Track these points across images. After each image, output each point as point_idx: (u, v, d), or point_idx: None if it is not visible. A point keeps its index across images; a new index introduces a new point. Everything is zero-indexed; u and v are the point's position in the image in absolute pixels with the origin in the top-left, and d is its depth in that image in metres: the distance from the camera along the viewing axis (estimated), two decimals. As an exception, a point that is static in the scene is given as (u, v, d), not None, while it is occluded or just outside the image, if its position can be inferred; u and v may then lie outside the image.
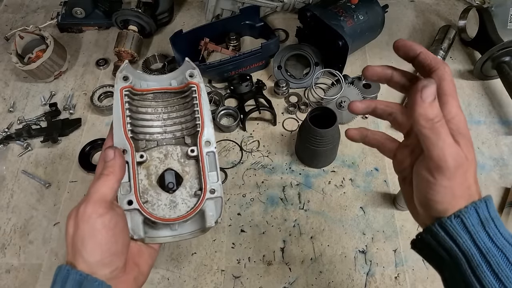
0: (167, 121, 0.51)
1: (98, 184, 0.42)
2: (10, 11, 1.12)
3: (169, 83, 0.52)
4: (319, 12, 0.87)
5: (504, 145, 0.82)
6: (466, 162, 0.34)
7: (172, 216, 0.47)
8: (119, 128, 0.47)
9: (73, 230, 0.41)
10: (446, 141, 0.33)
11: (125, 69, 0.49)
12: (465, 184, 0.35)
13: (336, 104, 0.85)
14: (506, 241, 0.33)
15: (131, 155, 0.46)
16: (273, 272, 0.69)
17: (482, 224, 0.34)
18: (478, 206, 0.34)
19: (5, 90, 0.95)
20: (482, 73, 0.91)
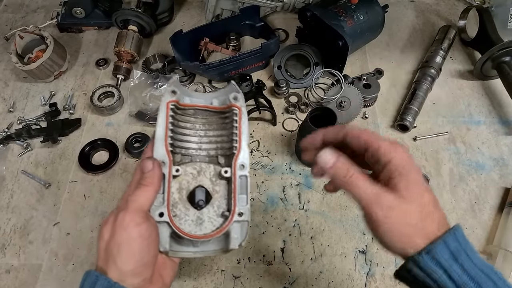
0: (203, 138, 0.51)
1: (137, 193, 0.43)
2: (10, 11, 1.12)
3: (211, 101, 0.52)
4: (319, 12, 0.87)
5: (504, 145, 0.82)
6: (407, 205, 0.37)
7: (197, 232, 0.47)
8: (161, 141, 0.48)
9: (108, 236, 0.41)
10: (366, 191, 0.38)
11: (173, 83, 0.50)
12: (410, 222, 0.37)
13: (336, 104, 0.85)
14: (479, 270, 0.35)
15: (168, 168, 0.47)
16: (273, 272, 0.69)
17: (454, 257, 0.35)
18: (446, 239, 0.35)
19: (5, 90, 0.95)
20: (482, 73, 0.91)
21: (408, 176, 0.38)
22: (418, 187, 0.38)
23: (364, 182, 0.39)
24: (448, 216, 0.72)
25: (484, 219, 0.73)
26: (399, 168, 0.38)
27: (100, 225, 0.43)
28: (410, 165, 0.38)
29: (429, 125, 0.86)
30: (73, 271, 0.69)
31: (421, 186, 0.38)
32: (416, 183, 0.38)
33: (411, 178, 0.38)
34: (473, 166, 0.80)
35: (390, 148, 0.39)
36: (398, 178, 0.38)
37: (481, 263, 0.36)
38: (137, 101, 0.88)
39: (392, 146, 0.39)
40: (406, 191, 0.37)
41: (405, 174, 0.38)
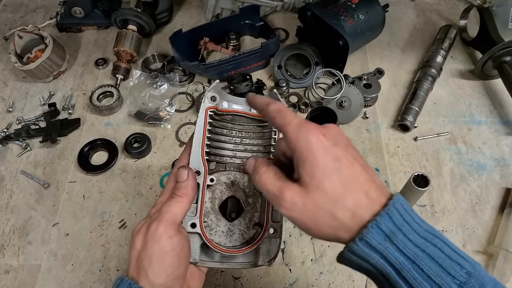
0: (239, 146, 0.50)
1: (171, 204, 0.42)
2: (9, 11, 1.12)
3: (250, 108, 0.50)
4: (319, 12, 0.87)
5: (505, 145, 0.82)
6: (310, 195, 0.34)
7: (227, 244, 0.47)
8: (198, 149, 0.46)
9: (140, 246, 0.41)
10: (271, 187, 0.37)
11: (213, 89, 0.48)
12: (322, 210, 0.34)
13: (336, 104, 0.85)
14: (417, 248, 0.32)
15: (203, 178, 0.46)
16: (273, 273, 0.68)
17: (389, 239, 0.33)
18: (379, 221, 0.33)
19: (4, 90, 0.95)
20: (483, 73, 0.91)
21: (311, 163, 0.34)
22: (322, 173, 0.34)
23: (270, 178, 0.37)
24: (449, 216, 0.73)
25: (485, 220, 0.73)
26: (302, 154, 0.35)
27: (132, 233, 0.42)
28: (314, 148, 0.34)
29: (430, 125, 0.85)
30: (72, 272, 0.69)
31: (327, 171, 0.34)
32: (320, 169, 0.34)
33: (313, 165, 0.34)
34: (474, 166, 0.79)
35: (295, 132, 0.36)
36: (301, 165, 0.35)
37: (420, 237, 0.33)
38: (136, 101, 0.88)
39: (298, 129, 0.35)
40: (310, 178, 0.34)
41: (308, 162, 0.34)
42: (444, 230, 0.72)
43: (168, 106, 0.88)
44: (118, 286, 0.40)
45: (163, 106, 0.88)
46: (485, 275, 0.32)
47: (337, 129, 0.37)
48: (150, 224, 0.41)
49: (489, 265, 0.67)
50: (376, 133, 0.85)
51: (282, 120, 0.37)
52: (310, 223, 0.35)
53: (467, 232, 0.71)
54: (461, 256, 0.33)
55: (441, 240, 0.34)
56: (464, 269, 0.32)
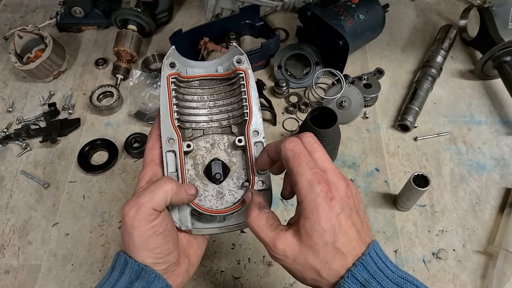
0: (213, 109, 0.49)
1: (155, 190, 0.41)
2: (9, 11, 1.12)
3: (216, 69, 0.50)
4: (319, 12, 0.87)
5: (505, 145, 0.82)
6: (303, 251, 0.37)
7: (219, 207, 0.46)
8: (167, 117, 0.45)
9: (123, 231, 0.41)
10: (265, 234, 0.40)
11: (171, 55, 0.47)
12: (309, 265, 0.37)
13: (336, 104, 0.85)
14: None
15: (178, 145, 0.45)
16: (273, 273, 0.68)
17: (364, 287, 0.36)
18: (354, 271, 0.36)
19: (4, 90, 0.95)
20: (483, 73, 0.91)
21: (313, 225, 0.37)
22: (320, 236, 0.37)
23: (262, 225, 0.40)
24: (449, 216, 0.73)
25: (485, 220, 0.73)
26: (306, 212, 0.37)
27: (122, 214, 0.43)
28: (321, 211, 0.37)
29: (430, 125, 0.85)
30: (72, 272, 0.69)
31: (325, 235, 0.37)
32: (319, 233, 0.37)
33: (314, 227, 0.37)
34: (474, 166, 0.79)
35: (305, 188, 0.37)
36: (302, 222, 0.37)
37: (392, 283, 0.36)
38: (136, 101, 0.88)
39: (309, 186, 0.37)
40: (307, 237, 0.37)
41: (311, 222, 0.37)
42: (444, 230, 0.72)
43: (168, 106, 0.88)
44: (116, 261, 0.42)
45: (163, 106, 0.88)
46: None
47: (346, 190, 0.39)
48: (130, 209, 0.40)
49: (489, 265, 0.67)
50: (376, 133, 0.85)
51: (296, 167, 0.38)
52: (296, 273, 0.39)
53: (467, 232, 0.71)
54: None
55: (413, 284, 0.36)
56: None
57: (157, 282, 0.40)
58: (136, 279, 0.40)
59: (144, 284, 0.40)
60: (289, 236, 0.38)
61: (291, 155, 0.39)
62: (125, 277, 0.40)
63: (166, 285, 0.41)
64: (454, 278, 0.67)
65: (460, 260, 0.68)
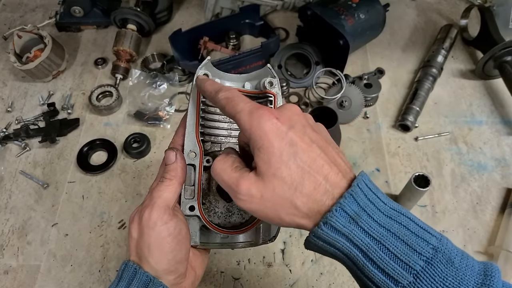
0: (233, 125, 0.49)
1: (161, 189, 0.41)
2: (9, 10, 1.12)
3: (243, 84, 0.49)
4: (319, 11, 0.87)
5: (506, 145, 0.82)
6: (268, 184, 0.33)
7: (226, 225, 0.46)
8: (192, 129, 0.45)
9: (137, 235, 0.40)
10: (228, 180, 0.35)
11: (205, 66, 0.47)
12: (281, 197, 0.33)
13: (337, 104, 0.85)
14: (382, 228, 0.32)
15: (199, 159, 0.45)
16: (273, 273, 0.68)
17: (354, 220, 0.32)
18: (343, 204, 0.32)
19: (3, 90, 0.94)
20: (484, 73, 0.91)
21: (266, 150, 0.33)
22: (278, 160, 0.32)
23: (227, 168, 0.36)
24: (450, 216, 0.72)
25: (486, 220, 0.72)
26: (257, 142, 0.33)
27: (129, 221, 0.42)
28: (269, 134, 0.33)
29: (431, 125, 0.85)
30: (72, 272, 0.69)
31: (284, 157, 0.32)
32: (277, 156, 0.32)
33: (269, 152, 0.32)
34: (475, 167, 0.79)
35: (247, 120, 0.34)
36: (256, 154, 0.33)
37: (385, 216, 0.33)
38: (135, 101, 0.88)
39: (250, 116, 0.34)
40: (267, 167, 0.33)
41: (263, 149, 0.33)
42: (445, 230, 0.71)
43: (168, 106, 0.88)
44: (123, 270, 0.40)
45: (162, 106, 0.87)
46: (452, 248, 0.32)
47: (293, 109, 0.35)
48: (143, 211, 0.40)
49: (490, 265, 0.67)
50: (376, 133, 0.84)
51: (233, 108, 0.35)
52: (270, 213, 0.34)
53: (468, 232, 0.71)
54: (427, 232, 0.32)
55: (406, 217, 0.33)
56: (431, 245, 0.31)
57: None
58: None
59: None
60: (252, 175, 0.34)
61: (225, 101, 0.36)
62: None
63: None
64: (454, 279, 0.66)
65: (461, 261, 0.68)
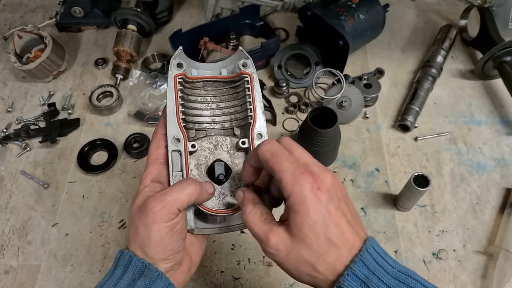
0: (216, 111, 0.50)
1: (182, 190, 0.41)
2: (9, 11, 1.12)
3: (220, 71, 0.50)
4: (319, 11, 0.87)
5: (505, 145, 0.82)
6: (296, 246, 0.37)
7: (221, 208, 0.47)
8: (173, 116, 0.46)
9: (140, 223, 0.41)
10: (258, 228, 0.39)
11: (178, 56, 0.48)
12: (303, 260, 0.36)
13: (336, 104, 0.85)
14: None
15: (184, 145, 0.46)
16: (273, 273, 0.68)
17: (365, 284, 0.35)
18: (354, 268, 0.35)
19: (3, 90, 0.95)
20: (483, 73, 0.91)
21: (302, 217, 0.36)
22: (311, 228, 0.36)
23: (256, 220, 0.39)
24: (449, 216, 0.73)
25: (486, 220, 0.73)
26: (295, 205, 0.36)
27: (132, 208, 0.42)
28: (309, 202, 0.36)
29: (430, 125, 0.85)
30: (72, 272, 0.69)
31: (317, 226, 0.36)
32: (310, 225, 0.36)
33: (304, 220, 0.36)
34: (474, 167, 0.79)
35: (290, 183, 0.36)
36: (291, 216, 0.37)
37: (394, 278, 0.36)
38: (136, 101, 0.88)
39: (293, 179, 0.36)
40: (298, 230, 0.36)
41: (299, 215, 0.36)
42: (444, 230, 0.72)
43: (168, 106, 0.88)
44: (119, 258, 0.41)
45: (162, 106, 0.87)
46: None
47: (332, 181, 0.38)
48: (151, 203, 0.40)
49: (490, 265, 0.67)
50: (376, 133, 0.85)
51: (277, 166, 0.38)
52: (291, 269, 0.38)
53: (468, 232, 0.71)
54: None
55: (414, 279, 0.36)
56: None
57: (159, 280, 0.40)
58: (139, 277, 0.40)
59: (147, 282, 0.39)
60: (281, 230, 0.38)
61: (268, 155, 0.39)
62: (128, 274, 0.40)
63: (168, 283, 0.41)
64: (454, 278, 0.67)
65: (460, 261, 0.68)
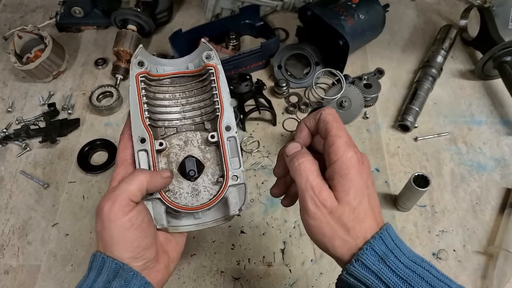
0: (186, 107, 0.49)
1: (129, 181, 0.42)
2: (9, 11, 1.12)
3: (186, 66, 0.50)
4: (319, 11, 0.87)
5: (505, 145, 0.82)
6: (340, 207, 0.38)
7: (195, 204, 0.46)
8: (137, 116, 0.46)
9: (100, 227, 0.41)
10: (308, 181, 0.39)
11: (140, 54, 0.48)
12: (336, 224, 0.38)
13: (336, 104, 0.85)
14: (408, 269, 0.36)
15: (150, 144, 0.45)
16: (273, 273, 0.68)
17: (383, 260, 0.36)
18: (373, 244, 0.37)
19: (3, 90, 0.95)
20: (484, 73, 0.91)
21: (350, 180, 0.38)
22: (356, 193, 0.38)
23: (312, 172, 0.39)
24: (449, 216, 0.73)
25: (486, 220, 0.72)
26: (342, 169, 0.38)
27: (96, 213, 0.43)
28: (355, 169, 0.38)
29: (430, 125, 0.85)
30: (72, 272, 0.69)
31: (359, 193, 0.38)
32: (356, 189, 0.38)
33: (352, 183, 0.38)
34: (474, 167, 0.79)
35: (342, 148, 0.39)
36: (338, 179, 0.38)
37: (410, 260, 0.37)
38: (136, 101, 0.88)
39: (347, 146, 0.39)
40: (345, 193, 0.38)
41: (347, 178, 0.38)
42: (444, 230, 0.72)
43: (168, 106, 0.88)
44: (93, 261, 0.41)
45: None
46: None
47: (369, 162, 0.42)
48: (105, 204, 0.40)
49: (490, 265, 0.67)
50: (376, 133, 0.84)
51: (335, 129, 0.40)
52: (327, 231, 0.38)
53: (468, 232, 0.71)
54: (448, 278, 0.37)
55: (428, 264, 0.38)
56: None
57: (135, 279, 0.40)
58: (114, 278, 0.39)
59: (122, 283, 0.39)
60: (331, 191, 0.39)
61: (331, 118, 0.41)
62: (103, 276, 0.39)
63: (145, 282, 0.41)
64: (454, 278, 0.65)
65: (460, 261, 0.68)
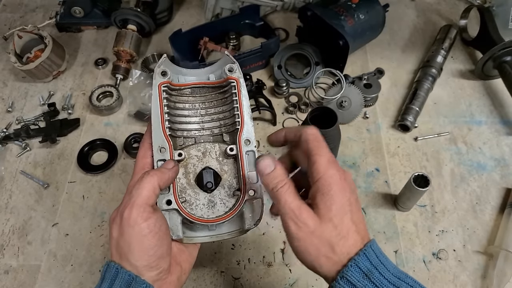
0: (205, 117, 0.49)
1: (140, 186, 0.42)
2: (9, 11, 1.12)
3: (207, 77, 0.50)
4: (319, 11, 0.87)
5: (505, 145, 0.82)
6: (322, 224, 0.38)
7: (210, 216, 0.46)
8: (158, 126, 0.46)
9: (117, 234, 0.41)
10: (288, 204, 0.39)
11: (163, 64, 0.48)
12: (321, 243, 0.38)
13: (336, 104, 0.85)
14: (393, 285, 0.37)
15: (169, 154, 0.45)
16: (273, 273, 0.68)
17: (367, 276, 0.37)
18: (357, 260, 0.37)
19: (3, 90, 0.95)
20: (483, 73, 0.91)
21: (331, 198, 0.39)
22: (337, 210, 0.38)
23: (289, 195, 0.40)
24: (449, 216, 0.73)
25: (485, 220, 0.73)
26: (324, 187, 0.39)
27: (109, 222, 0.43)
28: (337, 187, 0.39)
29: (430, 125, 0.85)
30: (72, 272, 0.69)
31: (340, 210, 0.39)
32: (337, 206, 0.38)
33: (333, 200, 0.38)
34: (474, 167, 0.79)
35: (324, 166, 0.40)
36: (320, 197, 0.39)
37: (394, 276, 0.37)
38: (136, 101, 0.88)
39: (328, 164, 0.40)
40: (327, 210, 0.38)
41: (329, 195, 0.39)
42: (444, 230, 0.72)
43: (168, 106, 0.88)
44: (106, 271, 0.41)
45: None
46: None
47: (351, 179, 0.43)
48: (123, 211, 0.41)
49: (490, 265, 0.67)
50: (376, 133, 0.85)
51: (316, 149, 0.41)
52: (311, 249, 0.39)
53: (468, 232, 0.71)
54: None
55: (412, 280, 0.38)
56: None
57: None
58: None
59: None
60: (311, 210, 0.39)
61: (312, 138, 0.42)
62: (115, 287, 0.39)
63: None
64: (454, 278, 0.67)
65: (460, 261, 0.68)
